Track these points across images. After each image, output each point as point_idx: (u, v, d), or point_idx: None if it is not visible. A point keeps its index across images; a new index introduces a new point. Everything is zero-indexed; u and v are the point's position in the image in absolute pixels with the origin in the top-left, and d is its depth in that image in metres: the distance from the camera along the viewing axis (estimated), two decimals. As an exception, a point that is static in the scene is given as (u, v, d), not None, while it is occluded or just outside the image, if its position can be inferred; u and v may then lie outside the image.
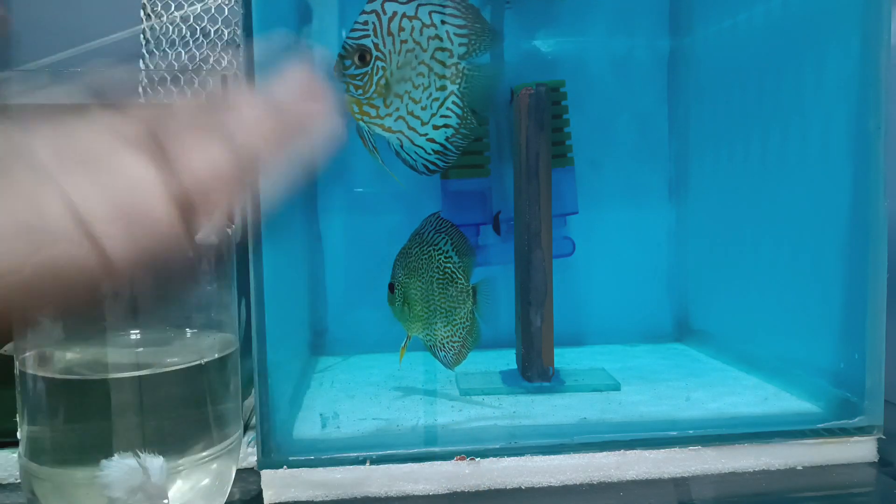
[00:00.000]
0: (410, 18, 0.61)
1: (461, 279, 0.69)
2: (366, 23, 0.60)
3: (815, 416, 0.66)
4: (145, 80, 0.98)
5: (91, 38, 0.98)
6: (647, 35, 0.95)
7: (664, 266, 0.97)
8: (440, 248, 0.68)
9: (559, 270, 0.75)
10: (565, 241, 0.88)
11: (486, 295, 0.70)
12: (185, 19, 1.00)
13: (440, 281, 0.69)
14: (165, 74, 0.98)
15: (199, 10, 1.00)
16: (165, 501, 0.45)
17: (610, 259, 0.95)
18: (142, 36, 0.99)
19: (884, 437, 0.64)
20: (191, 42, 1.01)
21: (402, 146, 0.64)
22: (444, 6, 0.62)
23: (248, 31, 0.57)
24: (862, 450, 0.64)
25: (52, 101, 0.69)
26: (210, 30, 1.01)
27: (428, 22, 0.61)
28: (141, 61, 1.00)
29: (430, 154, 0.65)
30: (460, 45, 0.63)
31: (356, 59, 0.60)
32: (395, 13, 0.60)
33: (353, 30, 0.60)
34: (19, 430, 0.51)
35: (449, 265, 0.68)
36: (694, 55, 0.92)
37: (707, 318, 0.93)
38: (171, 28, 1.00)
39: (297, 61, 0.31)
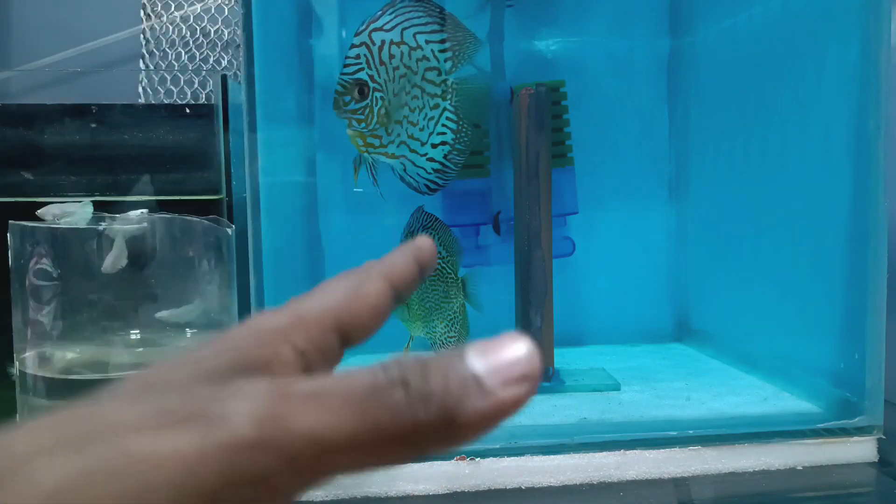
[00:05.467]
0: (398, 44, 0.61)
1: (451, 274, 0.69)
2: (357, 56, 0.60)
3: (815, 416, 0.66)
4: (145, 81, 0.98)
5: (91, 38, 0.98)
6: (647, 35, 0.95)
7: (664, 266, 0.97)
8: None
9: (559, 270, 0.75)
10: (565, 241, 0.88)
11: (475, 286, 0.70)
12: (185, 19, 1.00)
13: (432, 278, 0.69)
14: (165, 74, 0.98)
15: (199, 11, 1.00)
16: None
17: (610, 259, 0.95)
18: (142, 36, 0.99)
19: (884, 437, 0.64)
20: (191, 42, 1.01)
21: (404, 170, 0.65)
22: (425, 24, 0.62)
23: (248, 31, 0.57)
24: (862, 450, 0.64)
25: (52, 100, 0.69)
26: (210, 30, 1.01)
27: (414, 44, 0.62)
28: (141, 61, 1.00)
29: (430, 174, 0.66)
30: (446, 60, 0.64)
31: (355, 93, 0.60)
32: (383, 42, 0.61)
33: (346, 65, 0.60)
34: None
35: (439, 262, 0.68)
36: (694, 55, 0.92)
37: (707, 318, 0.93)
38: (171, 28, 1.00)
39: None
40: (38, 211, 0.53)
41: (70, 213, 0.52)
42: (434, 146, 0.65)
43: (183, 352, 0.21)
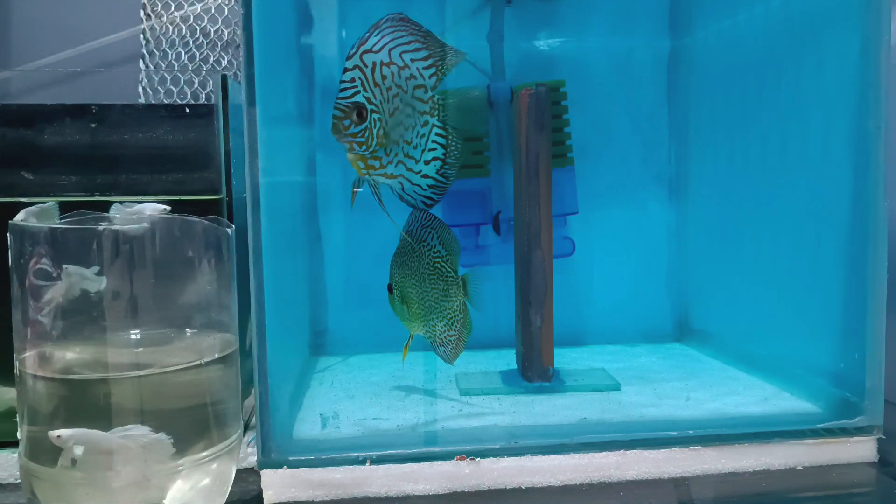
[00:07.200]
0: (388, 65, 0.62)
1: (450, 273, 0.69)
2: (353, 79, 0.61)
3: (815, 416, 0.66)
4: (145, 81, 0.98)
5: (91, 38, 0.98)
6: (647, 35, 0.95)
7: (664, 266, 0.97)
8: (428, 245, 0.69)
9: (559, 270, 0.75)
10: (565, 241, 0.88)
11: (476, 285, 0.70)
12: (185, 19, 1.00)
13: (432, 277, 0.69)
14: (165, 74, 0.98)
15: (199, 10, 1.00)
16: None
17: (610, 259, 0.95)
18: (142, 36, 0.99)
19: (884, 437, 0.64)
20: (191, 42, 1.01)
21: (402, 188, 0.66)
22: (408, 42, 0.63)
23: (248, 31, 0.57)
24: (862, 450, 0.64)
25: (52, 100, 0.69)
26: (210, 30, 1.01)
27: (401, 63, 0.63)
28: (141, 61, 1.00)
29: (425, 190, 0.66)
30: (430, 76, 0.65)
31: (354, 116, 0.60)
32: (374, 63, 0.61)
33: (342, 89, 0.61)
34: (19, 430, 0.51)
35: (438, 260, 0.69)
36: (694, 55, 0.92)
37: (707, 318, 0.93)
38: (171, 28, 1.00)
39: None
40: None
41: (47, 210, 0.53)
42: (427, 163, 0.66)
43: None
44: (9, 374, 0.52)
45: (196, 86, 1.00)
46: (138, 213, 0.55)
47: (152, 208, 0.56)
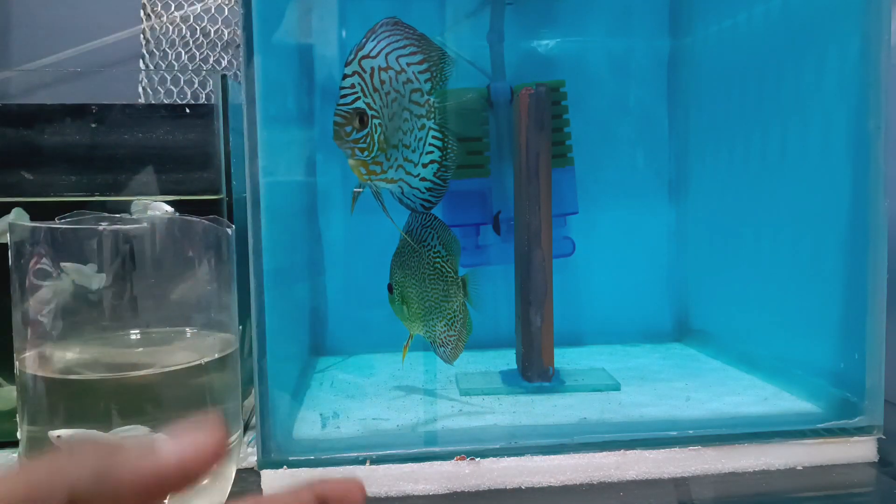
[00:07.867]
0: (386, 70, 0.62)
1: (450, 273, 0.69)
2: (353, 86, 0.61)
3: (815, 416, 0.66)
4: (145, 81, 0.98)
5: (91, 38, 0.98)
6: (647, 35, 0.95)
7: (664, 266, 0.97)
8: (429, 245, 0.69)
9: (559, 270, 0.75)
10: (565, 241, 0.88)
11: (476, 285, 0.70)
12: (185, 19, 1.00)
13: (432, 277, 0.69)
14: (165, 74, 0.98)
15: (199, 10, 1.00)
16: None
17: (610, 259, 0.95)
18: (142, 36, 0.99)
19: (884, 437, 0.64)
20: (191, 42, 1.01)
21: (402, 192, 0.66)
22: (404, 46, 0.63)
23: (248, 31, 0.57)
24: (862, 450, 0.64)
25: (52, 100, 0.69)
26: (210, 30, 1.01)
27: (398, 68, 0.63)
28: (141, 61, 1.00)
29: (424, 193, 0.67)
30: (426, 80, 0.65)
31: (356, 122, 0.60)
32: (372, 69, 0.62)
33: (342, 95, 0.61)
34: (19, 430, 0.51)
35: (438, 260, 0.69)
36: (694, 55, 0.92)
37: (707, 318, 0.93)
38: (171, 28, 1.00)
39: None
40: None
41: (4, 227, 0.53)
42: (425, 166, 0.66)
43: None
44: (12, 372, 0.52)
45: (196, 86, 1.00)
46: (146, 210, 0.55)
47: (163, 210, 0.56)
